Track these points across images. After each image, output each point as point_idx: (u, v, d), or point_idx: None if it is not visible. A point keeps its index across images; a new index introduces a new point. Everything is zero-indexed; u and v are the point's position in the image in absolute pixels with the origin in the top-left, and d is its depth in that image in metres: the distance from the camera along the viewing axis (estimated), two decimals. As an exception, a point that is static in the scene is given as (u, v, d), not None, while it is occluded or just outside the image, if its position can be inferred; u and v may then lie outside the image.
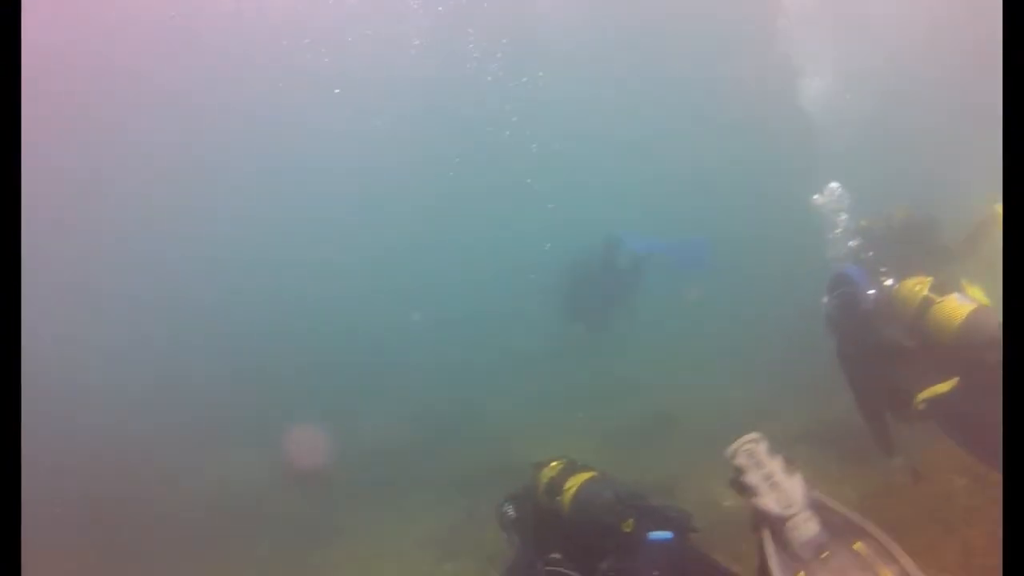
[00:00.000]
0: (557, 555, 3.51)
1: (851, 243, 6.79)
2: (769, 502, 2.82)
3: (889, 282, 4.73)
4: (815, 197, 6.40)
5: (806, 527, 2.74)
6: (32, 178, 4.48)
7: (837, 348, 5.02)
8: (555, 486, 3.65)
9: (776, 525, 2.78)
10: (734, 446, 3.14)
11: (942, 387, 4.26)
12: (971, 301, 4.28)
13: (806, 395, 8.00)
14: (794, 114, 7.96)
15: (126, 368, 13.27)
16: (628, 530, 3.39)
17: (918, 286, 4.50)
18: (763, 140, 13.59)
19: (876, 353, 4.69)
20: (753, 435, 3.15)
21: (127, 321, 15.51)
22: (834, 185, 6.48)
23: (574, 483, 3.61)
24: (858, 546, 2.76)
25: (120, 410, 11.50)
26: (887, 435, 4.91)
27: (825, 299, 5.07)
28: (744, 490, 2.97)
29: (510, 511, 3.97)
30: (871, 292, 4.78)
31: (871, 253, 6.42)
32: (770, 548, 2.78)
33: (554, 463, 3.90)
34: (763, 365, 9.62)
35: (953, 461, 5.35)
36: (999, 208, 5.02)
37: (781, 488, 2.85)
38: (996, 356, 3.84)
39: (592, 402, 10.50)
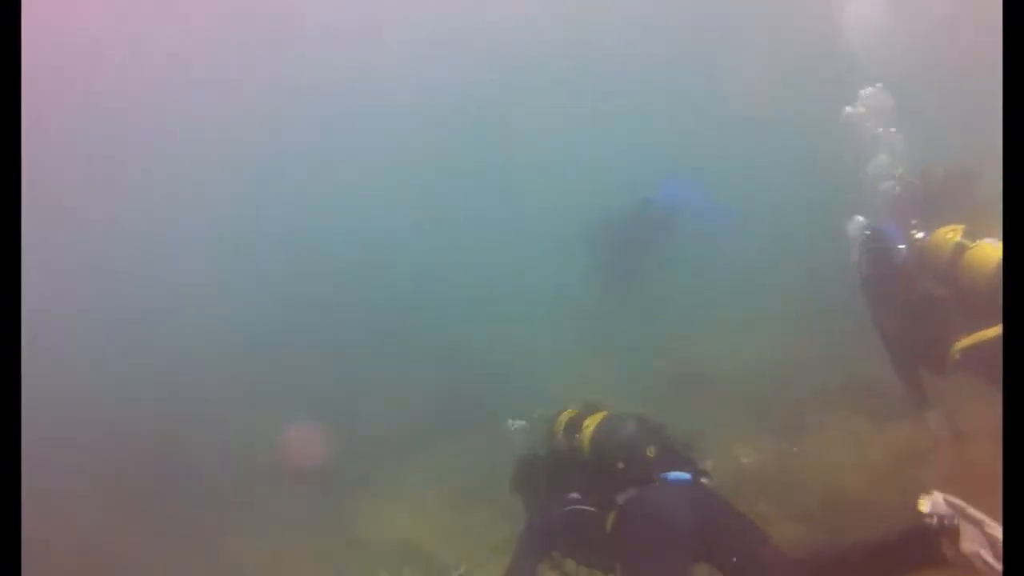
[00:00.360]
0: (575, 494, 3.48)
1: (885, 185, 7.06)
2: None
3: (920, 235, 4.67)
4: (847, 109, 6.16)
5: None
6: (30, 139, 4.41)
7: (870, 304, 4.95)
8: (574, 425, 3.64)
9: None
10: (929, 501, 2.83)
11: (987, 333, 4.16)
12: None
13: (839, 352, 7.77)
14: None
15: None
16: (651, 456, 3.35)
17: (950, 233, 4.46)
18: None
19: (909, 306, 4.60)
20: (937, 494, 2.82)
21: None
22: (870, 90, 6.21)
23: (592, 421, 3.61)
24: None
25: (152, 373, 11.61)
26: (921, 390, 4.79)
27: (857, 255, 5.01)
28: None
29: (521, 468, 4.00)
30: (902, 247, 4.73)
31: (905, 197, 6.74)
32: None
33: (569, 410, 3.89)
34: (795, 322, 9.37)
35: (985, 423, 5.12)
36: None
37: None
38: None
39: (622, 357, 10.39)
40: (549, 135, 17.31)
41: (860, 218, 5.57)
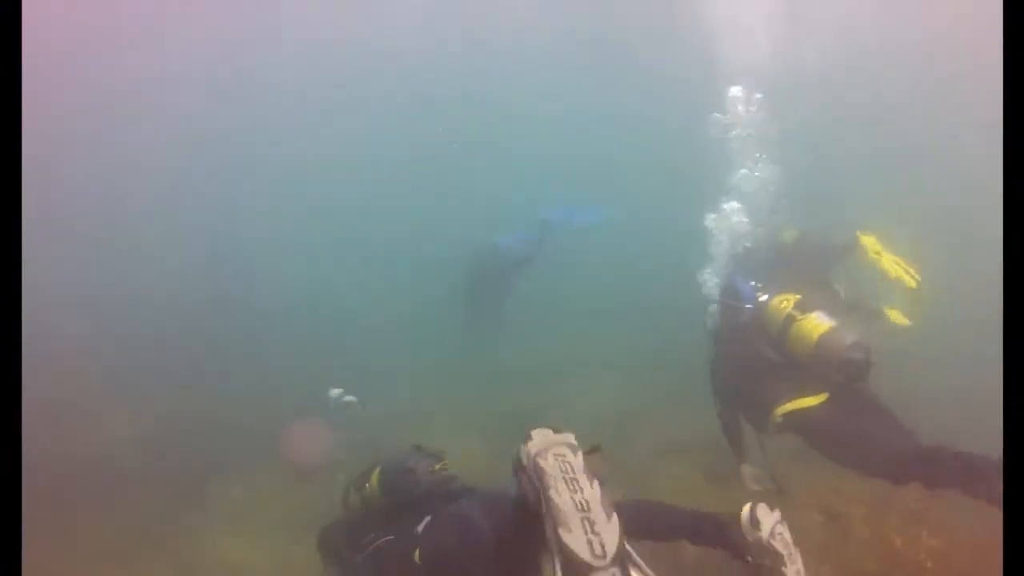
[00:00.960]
0: (372, 536, 3.46)
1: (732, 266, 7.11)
2: (578, 541, 2.26)
3: (764, 297, 4.82)
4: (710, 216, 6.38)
5: None
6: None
7: (711, 357, 5.18)
8: (361, 478, 3.69)
9: (577, 571, 2.26)
10: (537, 443, 2.56)
11: (809, 401, 4.43)
12: (831, 320, 4.39)
13: (684, 406, 7.95)
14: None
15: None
16: (439, 469, 3.46)
17: (784, 303, 4.63)
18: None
19: (744, 365, 4.83)
20: (568, 437, 2.62)
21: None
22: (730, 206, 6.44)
23: (378, 467, 3.66)
24: None
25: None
26: (740, 443, 5.04)
27: (711, 307, 5.24)
28: (542, 505, 2.39)
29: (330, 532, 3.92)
30: (748, 306, 4.88)
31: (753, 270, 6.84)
32: None
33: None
34: (644, 371, 9.60)
35: (812, 497, 5.42)
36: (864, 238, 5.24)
37: (596, 527, 2.30)
38: (847, 374, 4.24)
39: (469, 393, 10.31)
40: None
41: (712, 277, 5.81)
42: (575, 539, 2.28)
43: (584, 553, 2.25)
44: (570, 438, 2.64)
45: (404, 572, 3.26)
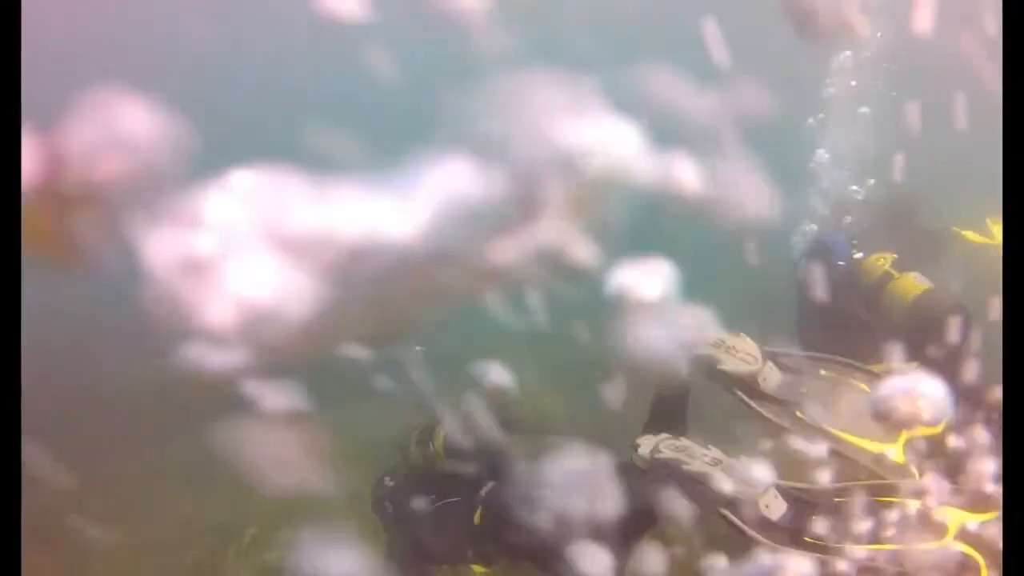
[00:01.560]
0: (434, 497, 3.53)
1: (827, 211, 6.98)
2: (733, 485, 2.63)
3: (859, 255, 4.78)
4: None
5: (777, 503, 2.64)
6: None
7: (798, 315, 5.09)
8: (424, 435, 3.66)
9: (746, 506, 2.65)
10: (646, 446, 2.88)
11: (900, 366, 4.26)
12: (927, 282, 4.35)
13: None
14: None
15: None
16: (505, 438, 3.39)
17: (881, 260, 4.59)
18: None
19: (832, 321, 4.70)
20: (664, 435, 2.93)
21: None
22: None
23: (442, 429, 3.66)
24: None
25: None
26: None
27: (802, 261, 5.13)
28: (688, 484, 2.73)
29: (387, 481, 3.89)
30: (841, 263, 4.82)
31: (849, 219, 6.66)
32: (744, 526, 2.64)
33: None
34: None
35: None
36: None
37: (737, 469, 2.68)
38: (943, 338, 3.93)
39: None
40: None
41: (813, 226, 5.80)
42: (729, 484, 2.64)
43: (743, 488, 2.63)
44: (667, 435, 2.92)
45: (463, 533, 3.40)
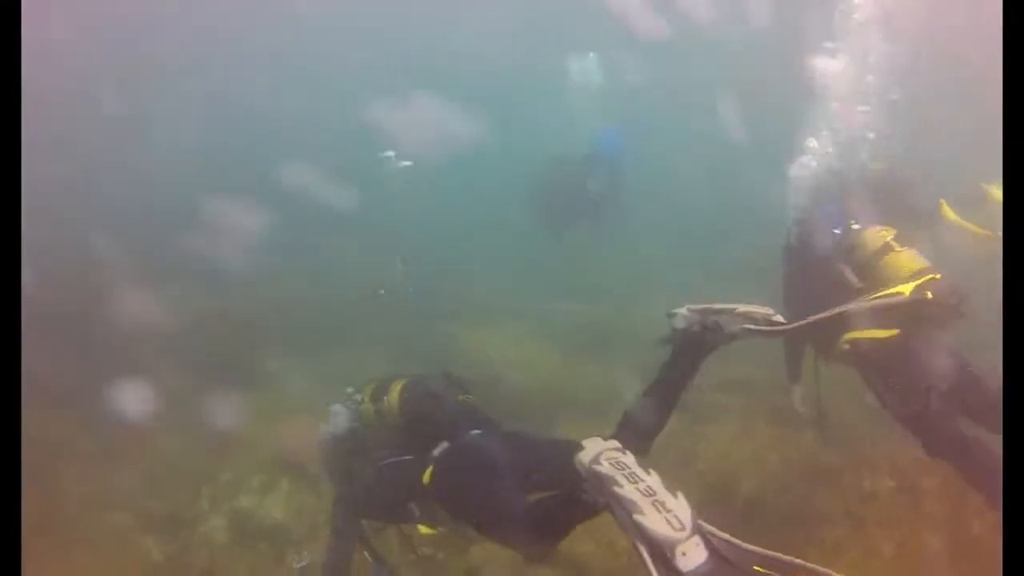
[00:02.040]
0: (386, 452, 3.53)
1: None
2: (655, 521, 2.36)
3: (856, 226, 4.78)
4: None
5: (698, 551, 2.36)
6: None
7: (785, 277, 5.12)
8: (380, 390, 3.66)
9: (662, 549, 2.36)
10: (590, 451, 2.71)
11: (879, 333, 4.31)
12: (927, 261, 4.35)
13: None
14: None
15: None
16: (464, 401, 3.50)
17: (884, 232, 4.62)
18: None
19: (821, 286, 4.69)
20: (615, 443, 2.77)
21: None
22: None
23: (398, 383, 3.65)
24: (758, 568, 2.43)
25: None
26: (798, 364, 5.10)
27: (793, 227, 5.13)
28: (611, 503, 2.53)
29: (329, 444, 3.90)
30: (836, 231, 4.81)
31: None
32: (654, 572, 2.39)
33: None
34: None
35: (885, 460, 5.38)
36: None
37: (667, 506, 2.41)
38: (934, 315, 4.11)
39: (552, 302, 10.33)
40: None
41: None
42: (653, 520, 2.37)
43: (666, 530, 2.34)
44: (615, 444, 2.75)
45: (410, 492, 3.38)
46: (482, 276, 11.31)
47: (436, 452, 3.33)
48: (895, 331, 4.26)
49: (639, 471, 2.57)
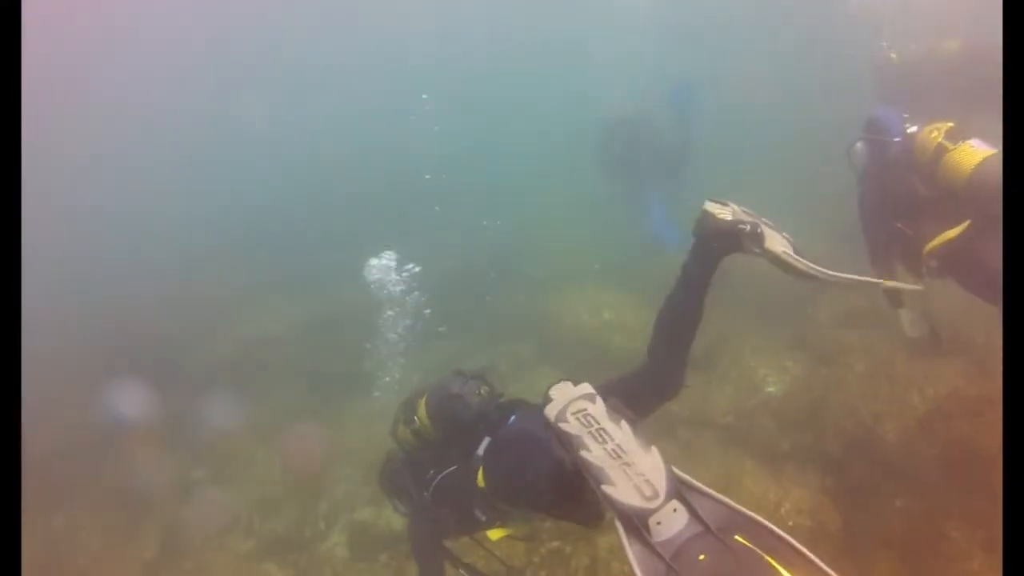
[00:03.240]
0: (432, 471, 3.45)
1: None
2: (624, 491, 2.08)
3: (912, 129, 4.50)
4: None
5: (674, 519, 2.06)
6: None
7: (859, 197, 4.87)
8: (409, 412, 3.56)
9: (635, 520, 2.07)
10: (557, 403, 2.42)
11: (951, 232, 4.19)
12: (987, 147, 4.09)
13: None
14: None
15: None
16: (484, 395, 3.39)
17: (934, 132, 4.33)
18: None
19: (894, 202, 4.56)
20: (585, 387, 2.47)
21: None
22: None
23: (422, 398, 3.54)
24: (739, 538, 2.06)
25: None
26: (896, 289, 4.79)
27: (857, 145, 4.82)
28: (583, 471, 2.24)
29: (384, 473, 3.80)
30: (897, 140, 4.55)
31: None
32: (629, 547, 2.06)
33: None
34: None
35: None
36: None
37: (638, 468, 2.12)
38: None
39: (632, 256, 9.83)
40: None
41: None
42: (621, 490, 2.10)
43: (635, 500, 2.07)
44: (586, 388, 2.48)
45: (471, 500, 3.24)
46: (549, 237, 10.95)
47: (480, 451, 3.23)
48: (965, 224, 4.12)
49: (608, 424, 2.30)
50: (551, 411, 2.41)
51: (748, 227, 2.94)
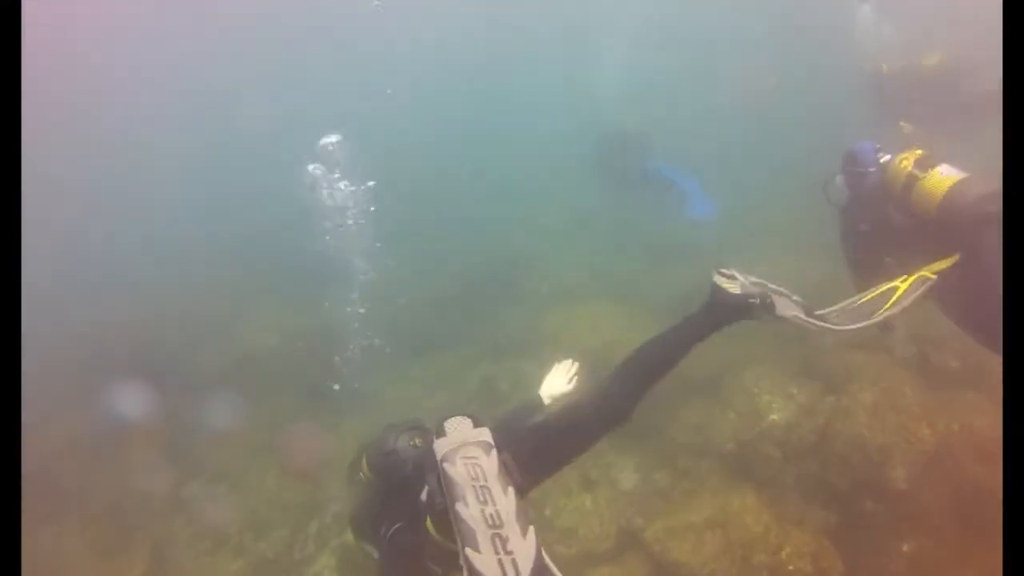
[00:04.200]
0: (383, 527, 3.30)
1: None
2: (487, 563, 2.02)
3: (886, 158, 4.54)
4: None
5: None
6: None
7: (840, 229, 4.91)
8: (354, 469, 3.51)
9: None
10: (450, 440, 2.38)
11: (940, 264, 4.14)
12: (957, 173, 4.11)
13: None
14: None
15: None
16: (418, 445, 3.25)
17: (903, 162, 4.37)
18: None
19: (875, 235, 4.58)
20: (483, 434, 2.40)
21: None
22: None
23: (362, 453, 3.47)
24: None
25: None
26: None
27: (837, 178, 4.87)
28: (453, 521, 2.18)
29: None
30: (872, 170, 4.59)
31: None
32: None
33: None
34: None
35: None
36: None
37: (507, 547, 2.06)
38: (982, 231, 3.86)
39: (635, 268, 9.76)
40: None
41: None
42: (484, 560, 2.04)
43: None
44: (485, 434, 2.42)
45: (426, 549, 3.11)
46: (544, 251, 10.78)
47: (423, 497, 3.08)
48: (956, 256, 4.07)
49: (496, 485, 2.21)
50: (440, 447, 2.35)
51: (758, 300, 3.01)
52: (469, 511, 2.13)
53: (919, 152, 4.35)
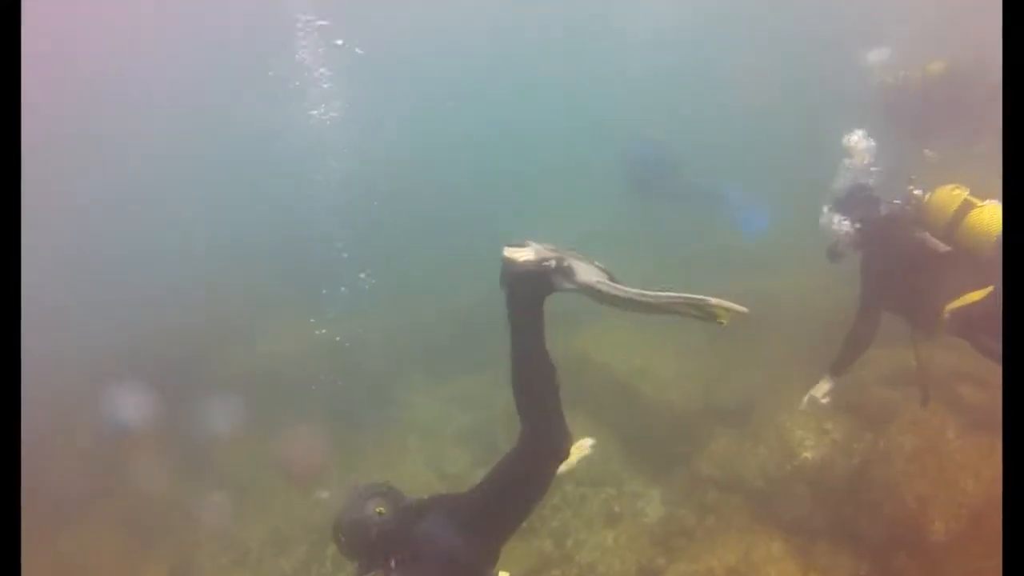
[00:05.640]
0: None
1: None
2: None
3: (919, 191, 4.43)
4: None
5: None
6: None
7: (861, 265, 4.67)
8: (336, 531, 3.45)
9: None
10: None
11: (976, 295, 4.07)
12: None
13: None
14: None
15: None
16: (383, 513, 3.27)
17: (956, 190, 4.27)
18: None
19: (908, 262, 4.36)
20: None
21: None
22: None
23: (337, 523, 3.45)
24: None
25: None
26: (856, 355, 4.69)
27: (841, 219, 4.69)
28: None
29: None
30: (897, 201, 4.51)
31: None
32: None
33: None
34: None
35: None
36: None
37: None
38: None
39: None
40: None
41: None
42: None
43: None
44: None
45: None
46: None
47: (393, 564, 3.18)
48: (990, 288, 3.99)
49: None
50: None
51: (554, 263, 2.91)
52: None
53: (967, 188, 4.25)
